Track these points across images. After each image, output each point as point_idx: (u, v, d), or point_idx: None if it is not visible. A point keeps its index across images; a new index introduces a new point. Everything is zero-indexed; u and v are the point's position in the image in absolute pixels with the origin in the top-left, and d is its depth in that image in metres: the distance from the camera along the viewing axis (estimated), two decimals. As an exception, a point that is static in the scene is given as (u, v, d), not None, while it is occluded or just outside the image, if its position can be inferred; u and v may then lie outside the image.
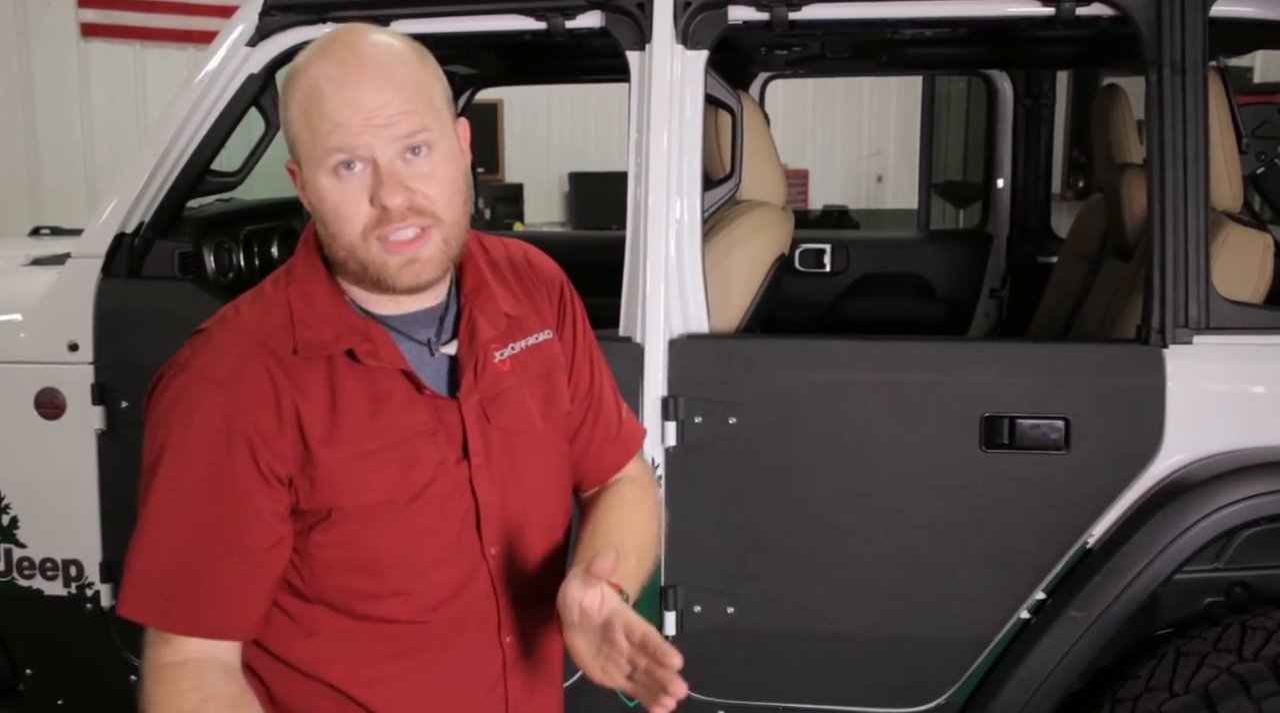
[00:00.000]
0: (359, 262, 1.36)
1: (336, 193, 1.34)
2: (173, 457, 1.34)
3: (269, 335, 1.37)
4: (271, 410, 1.34)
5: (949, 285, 4.08)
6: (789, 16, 2.28)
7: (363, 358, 1.38)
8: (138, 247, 2.51)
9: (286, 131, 1.39)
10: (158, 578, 1.34)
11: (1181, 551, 2.12)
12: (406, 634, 1.44)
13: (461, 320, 1.47)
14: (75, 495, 2.55)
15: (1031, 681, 2.19)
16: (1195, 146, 2.15)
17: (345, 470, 1.37)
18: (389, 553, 1.40)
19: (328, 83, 1.32)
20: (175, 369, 1.37)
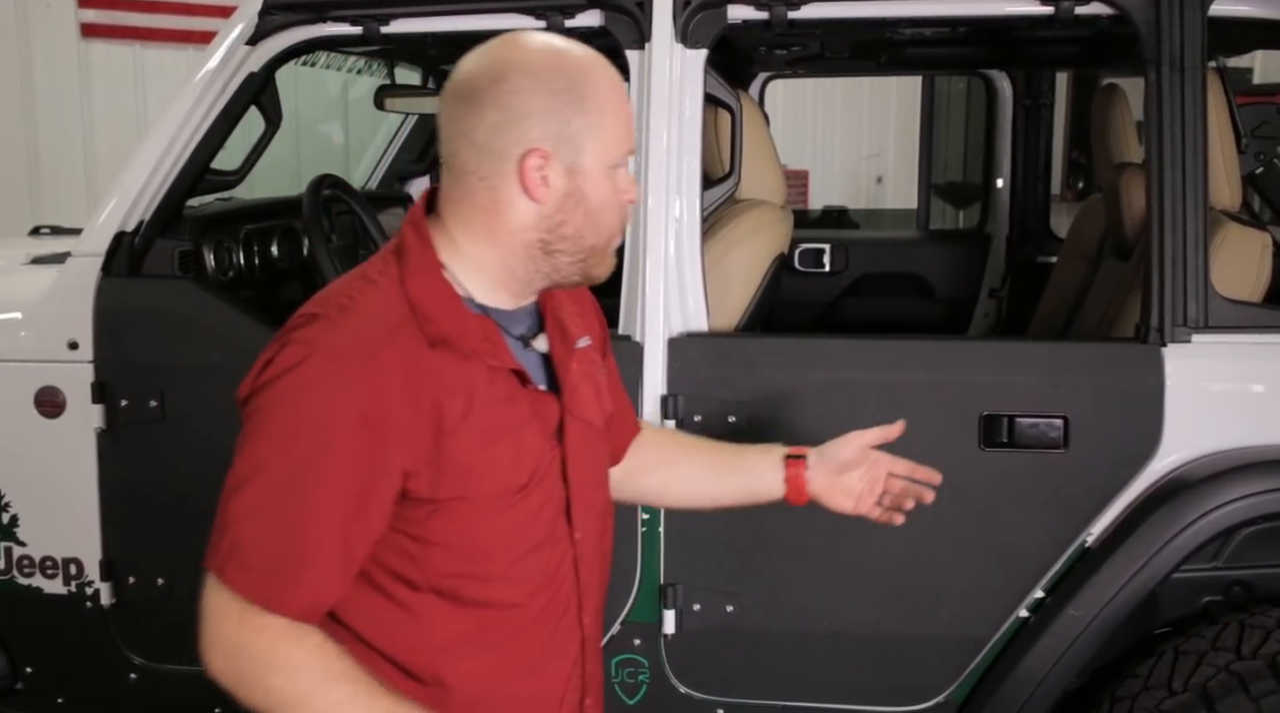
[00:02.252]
0: (600, 252, 1.47)
1: (615, 188, 1.45)
2: (296, 436, 1.33)
3: (396, 327, 1.38)
4: (406, 400, 1.35)
5: (948, 285, 4.08)
6: (788, 16, 2.28)
7: (484, 357, 1.42)
8: (138, 245, 2.52)
9: (571, 120, 1.39)
10: (264, 555, 1.33)
11: (1180, 549, 2.12)
12: (507, 620, 1.48)
13: (546, 319, 1.55)
14: (75, 494, 2.55)
15: (1030, 679, 2.19)
16: (1194, 146, 2.15)
17: (474, 458, 1.40)
18: (500, 538, 1.45)
19: (616, 85, 1.44)
20: (296, 347, 1.35)
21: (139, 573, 2.57)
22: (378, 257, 1.49)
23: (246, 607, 1.33)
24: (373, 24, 2.43)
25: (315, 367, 1.33)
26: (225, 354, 2.48)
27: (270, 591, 1.33)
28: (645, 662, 2.37)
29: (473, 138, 1.40)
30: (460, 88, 1.42)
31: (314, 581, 1.35)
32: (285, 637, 1.33)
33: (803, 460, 1.80)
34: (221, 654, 1.34)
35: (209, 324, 2.50)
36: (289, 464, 1.33)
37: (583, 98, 1.40)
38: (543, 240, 1.44)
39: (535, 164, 1.40)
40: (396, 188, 4.15)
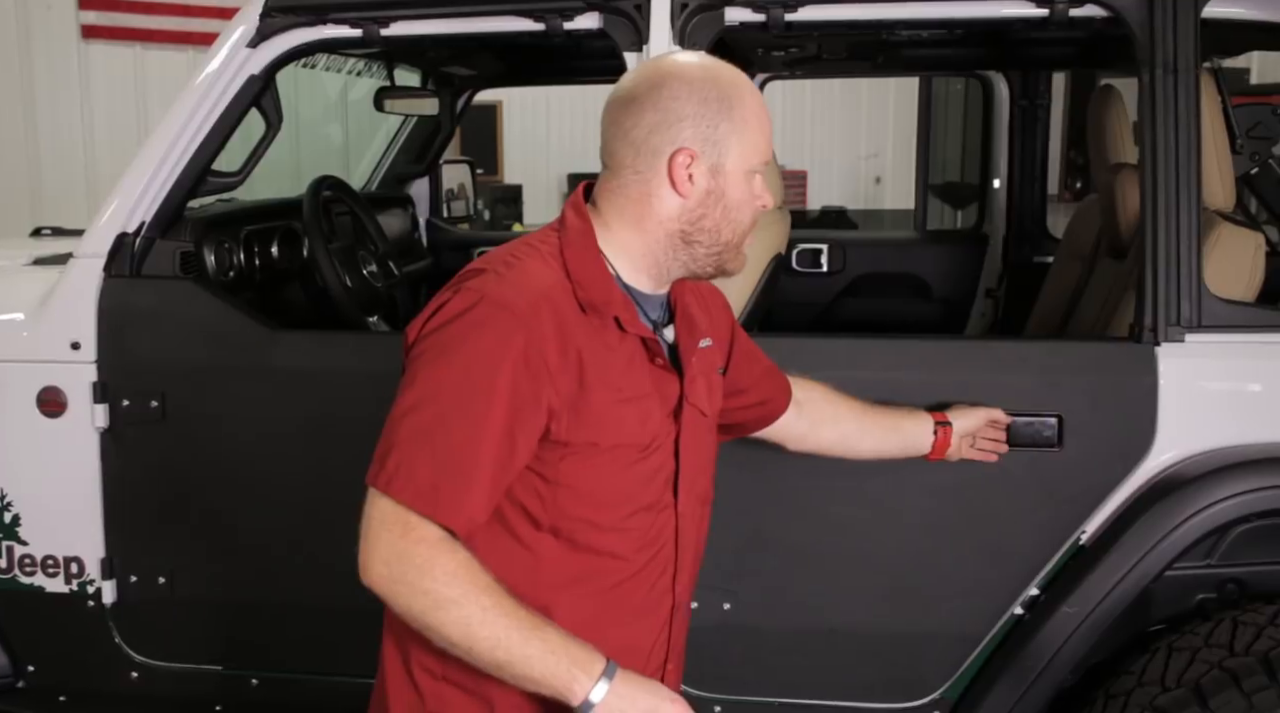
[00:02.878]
0: (733, 247, 1.64)
1: (752, 192, 1.63)
2: (466, 367, 1.49)
3: (553, 286, 1.56)
4: (558, 348, 1.52)
5: (945, 285, 4.10)
6: (785, 18, 2.30)
7: (625, 325, 1.59)
8: (139, 246, 2.53)
9: (721, 126, 1.57)
10: (432, 470, 1.47)
11: (1173, 547, 2.13)
12: (612, 570, 1.63)
13: (676, 311, 1.71)
14: (77, 493, 2.56)
15: (1025, 676, 2.21)
16: (1188, 147, 2.17)
17: (608, 412, 1.57)
18: (619, 491, 1.61)
19: (762, 103, 1.63)
20: (469, 294, 1.52)
21: (140, 572, 2.58)
22: (541, 230, 1.67)
23: (409, 518, 1.47)
24: (372, 26, 2.44)
25: (484, 311, 1.50)
26: (226, 354, 2.50)
27: (438, 501, 1.47)
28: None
29: (631, 136, 1.59)
30: (623, 94, 1.61)
31: (474, 497, 1.49)
32: (443, 548, 1.46)
33: (949, 428, 2.15)
34: (382, 560, 1.47)
35: (210, 325, 2.51)
36: (459, 392, 1.49)
37: (730, 107, 1.58)
38: (684, 231, 1.61)
39: (683, 162, 1.58)
40: (396, 189, 4.17)
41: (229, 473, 2.54)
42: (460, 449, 1.48)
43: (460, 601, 1.44)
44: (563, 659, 1.45)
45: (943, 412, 2.16)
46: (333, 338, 2.70)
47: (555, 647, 1.45)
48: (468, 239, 4.35)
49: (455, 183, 4.41)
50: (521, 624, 1.45)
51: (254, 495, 2.54)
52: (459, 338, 1.51)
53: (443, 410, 1.49)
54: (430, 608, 1.45)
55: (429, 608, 1.45)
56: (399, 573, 1.46)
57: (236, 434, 2.53)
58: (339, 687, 2.51)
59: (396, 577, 1.46)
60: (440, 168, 4.29)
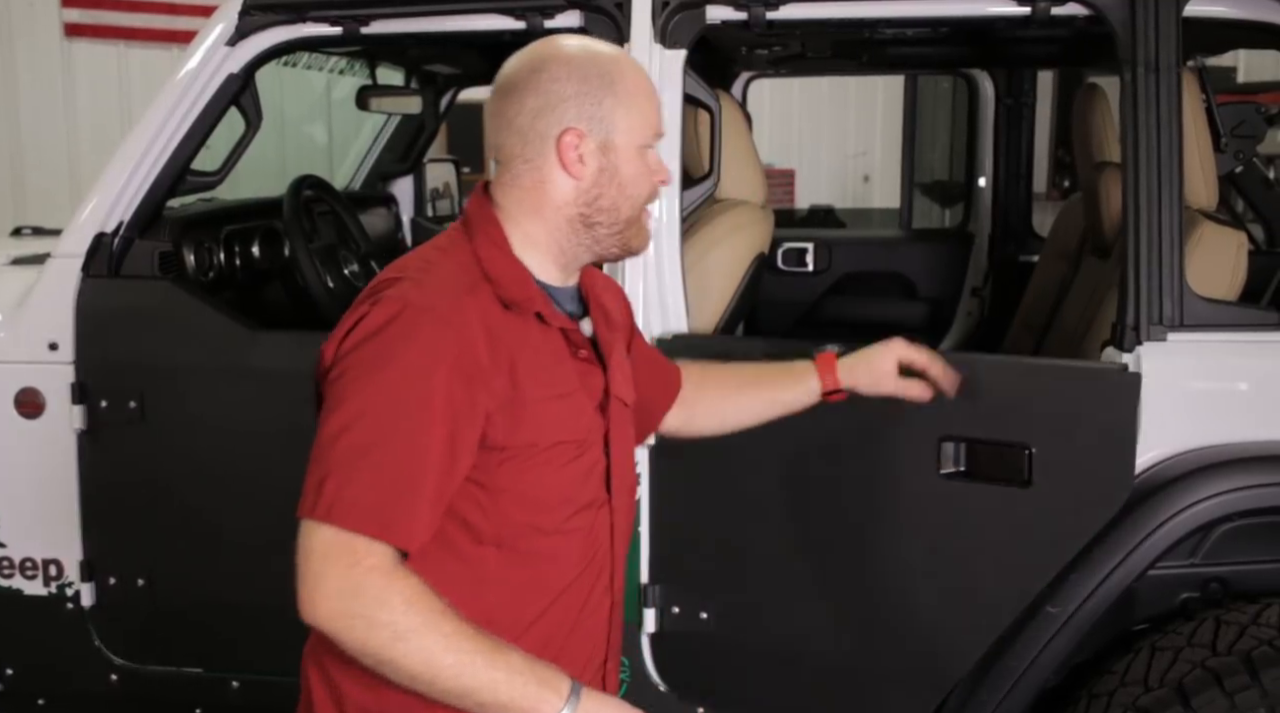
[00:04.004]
0: (635, 224, 1.61)
1: (645, 165, 1.60)
2: (397, 381, 1.43)
3: (474, 285, 1.52)
4: (489, 349, 1.48)
5: (931, 284, 4.09)
6: (766, 16, 2.29)
7: (548, 319, 1.56)
8: (117, 246, 2.52)
9: (604, 103, 1.55)
10: (376, 492, 1.41)
11: (1156, 546, 2.12)
12: (557, 578, 1.59)
13: (590, 302, 1.69)
14: (55, 495, 2.55)
15: (1008, 676, 2.20)
16: (1169, 146, 2.16)
17: (543, 409, 1.53)
18: (561, 492, 1.58)
19: (645, 76, 1.61)
20: (389, 303, 1.46)
21: (119, 574, 2.57)
22: (446, 234, 1.62)
23: (355, 545, 1.39)
24: (352, 25, 2.43)
25: (409, 318, 1.45)
26: (205, 355, 2.49)
27: (387, 522, 1.40)
28: (626, 661, 2.38)
29: (516, 124, 1.56)
30: (503, 83, 1.58)
31: (421, 514, 1.43)
32: (397, 575, 1.39)
33: (831, 356, 2.00)
34: (331, 596, 1.38)
35: (189, 325, 2.50)
36: (395, 406, 1.42)
37: (611, 82, 1.56)
38: (583, 214, 1.58)
39: (571, 142, 1.55)
40: (380, 188, 4.15)
41: (208, 474, 2.53)
42: (403, 465, 1.42)
43: (421, 630, 1.37)
44: (530, 681, 1.40)
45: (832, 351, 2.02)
46: (314, 338, 2.63)
47: (520, 669, 1.40)
48: (452, 238, 4.32)
49: (440, 181, 4.40)
50: (484, 649, 1.39)
51: (234, 497, 2.53)
52: (386, 350, 1.44)
53: (379, 427, 1.42)
54: (390, 641, 1.37)
55: (389, 641, 1.37)
56: (354, 607, 1.37)
57: (216, 435, 2.51)
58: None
59: (352, 611, 1.38)
60: (424, 166, 4.28)
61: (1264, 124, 2.88)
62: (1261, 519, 2.18)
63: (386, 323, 1.45)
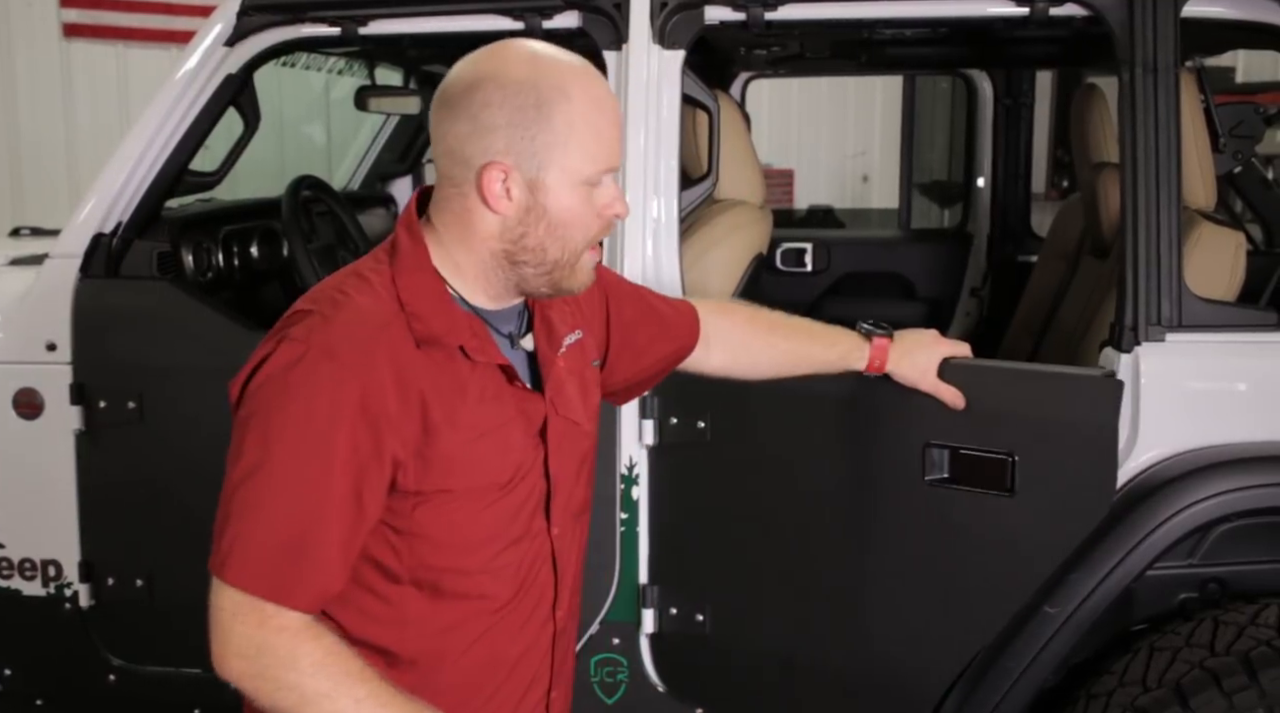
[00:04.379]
0: (567, 267, 1.48)
1: (588, 204, 1.46)
2: (296, 431, 1.35)
3: (386, 322, 1.41)
4: (397, 394, 1.38)
5: (930, 284, 4.10)
6: (765, 17, 2.29)
7: (471, 354, 1.46)
8: (116, 246, 2.52)
9: (536, 135, 1.41)
10: (272, 550, 1.34)
11: (1155, 546, 2.12)
12: (484, 612, 1.52)
13: (535, 318, 1.58)
14: (53, 496, 2.55)
15: (1007, 676, 2.19)
16: (1168, 146, 2.16)
17: (460, 453, 1.44)
18: (483, 533, 1.49)
19: (605, 101, 1.46)
20: (292, 345, 1.37)
21: (117, 574, 2.57)
22: (371, 254, 1.52)
23: (263, 607, 1.34)
24: (351, 25, 2.43)
25: (310, 363, 1.36)
26: (203, 355, 2.49)
27: (279, 584, 1.34)
28: (624, 661, 2.38)
29: (445, 144, 1.44)
30: (443, 94, 1.45)
31: (320, 572, 1.36)
32: (305, 635, 1.34)
33: (887, 340, 2.06)
34: (238, 655, 1.34)
35: (187, 325, 2.50)
36: (290, 459, 1.35)
37: (548, 115, 1.41)
38: (506, 251, 1.47)
39: (495, 177, 1.42)
40: (378, 188, 4.15)
41: (207, 475, 2.48)
42: (300, 523, 1.35)
43: (331, 694, 1.32)
44: None
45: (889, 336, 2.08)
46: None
47: None
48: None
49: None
50: (399, 712, 1.35)
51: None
52: (286, 396, 1.36)
53: (276, 481, 1.35)
54: (298, 704, 1.32)
55: (297, 704, 1.32)
56: (259, 668, 1.33)
57: (214, 436, 2.47)
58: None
59: (257, 672, 1.33)
60: (423, 167, 4.28)
61: (1262, 124, 2.88)
62: (1260, 520, 2.17)
63: (289, 366, 1.36)
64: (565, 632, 1.65)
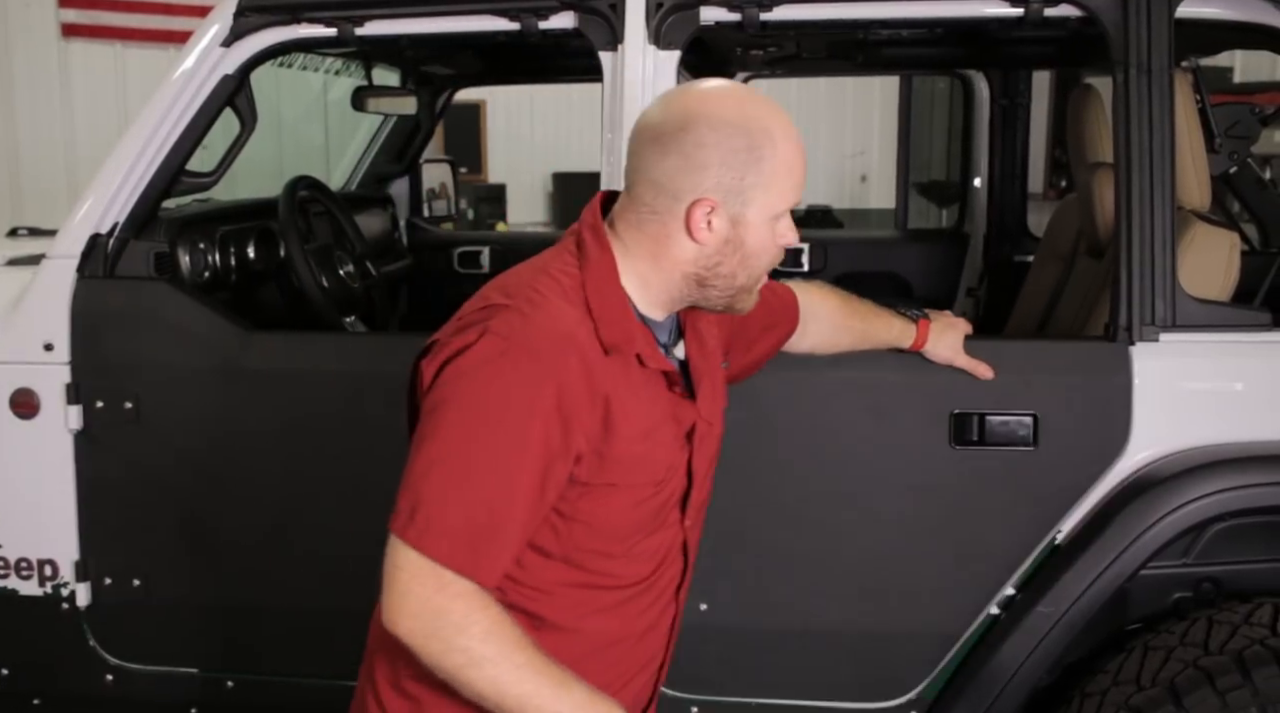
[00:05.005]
0: (745, 290, 1.61)
1: (774, 237, 1.59)
2: (497, 419, 1.46)
3: (577, 324, 1.52)
4: (586, 392, 1.50)
5: (926, 284, 4.10)
6: (760, 17, 2.29)
7: (646, 361, 1.57)
8: (113, 247, 2.51)
9: (744, 175, 1.53)
10: (468, 526, 1.45)
11: (1148, 546, 2.13)
12: (621, 590, 1.64)
13: (686, 329, 1.70)
14: (50, 495, 2.55)
15: (1000, 675, 2.20)
16: (1162, 146, 2.17)
17: (629, 452, 1.56)
18: (633, 523, 1.62)
19: (799, 141, 1.57)
20: (495, 339, 1.48)
21: (114, 574, 2.57)
22: (558, 253, 1.61)
23: (442, 573, 1.44)
24: (347, 26, 2.43)
25: (513, 359, 1.47)
26: (200, 356, 2.49)
27: (472, 559, 1.45)
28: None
29: (653, 176, 1.55)
30: (650, 127, 1.57)
31: (506, 550, 1.49)
32: (476, 603, 1.45)
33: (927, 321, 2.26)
34: (412, 614, 1.44)
35: (184, 326, 2.50)
36: (491, 446, 1.46)
37: (759, 158, 1.53)
38: (699, 275, 1.59)
39: (703, 212, 1.54)
40: (376, 188, 4.15)
41: (204, 475, 2.53)
42: (494, 506, 1.46)
43: (495, 659, 1.44)
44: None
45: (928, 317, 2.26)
46: (309, 339, 2.68)
47: (581, 703, 1.46)
48: (448, 239, 4.34)
49: (436, 182, 4.40)
50: (551, 682, 1.46)
51: (229, 497, 2.53)
52: (486, 386, 1.47)
53: (474, 465, 1.46)
54: (465, 665, 1.44)
55: (464, 665, 1.44)
56: (433, 628, 1.44)
57: (211, 436, 2.51)
58: (315, 689, 2.50)
59: (430, 632, 1.44)
60: (421, 167, 4.28)
61: (1258, 125, 2.89)
62: (1254, 519, 2.19)
63: (491, 358, 1.47)
64: (681, 615, 1.79)
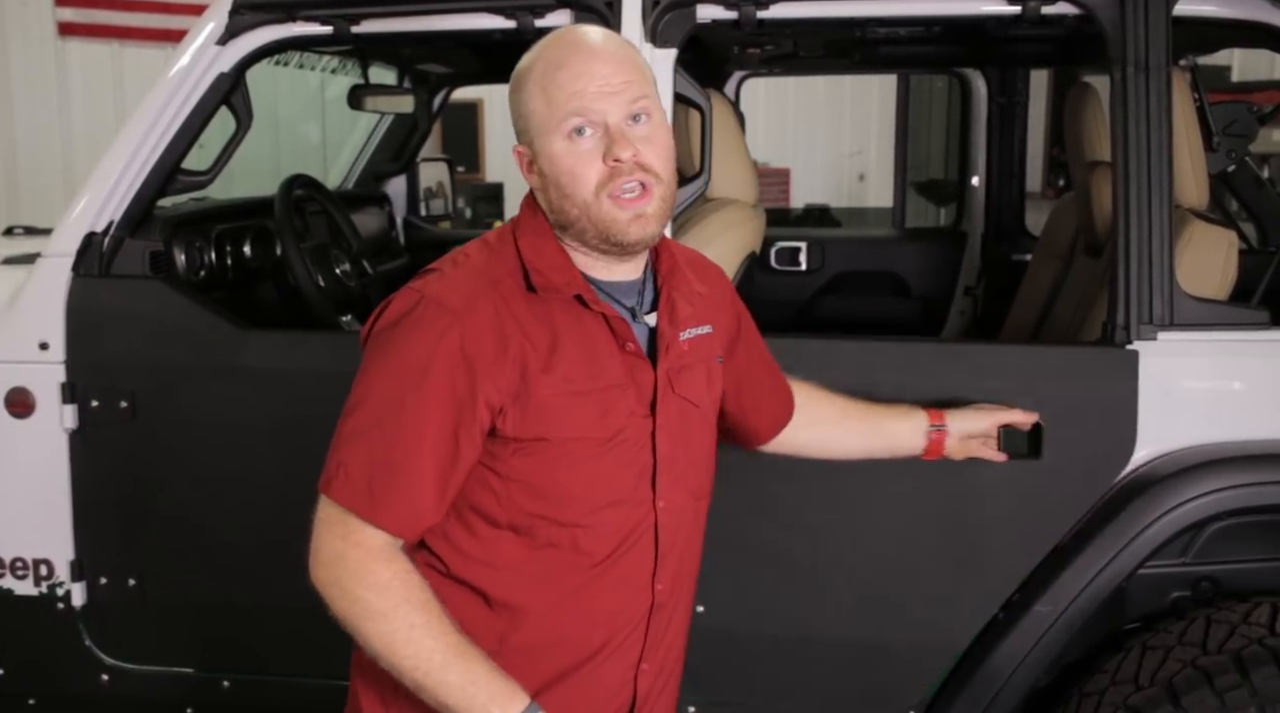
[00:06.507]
0: (592, 219, 1.54)
1: (571, 156, 1.53)
2: (400, 367, 1.50)
3: (499, 277, 1.55)
4: (496, 343, 1.50)
5: (924, 283, 4.09)
6: (757, 15, 2.29)
7: (590, 303, 1.55)
8: (108, 245, 2.51)
9: (519, 111, 1.56)
10: (368, 470, 1.48)
11: (1147, 544, 2.13)
12: (577, 567, 1.59)
13: (661, 297, 1.66)
14: (45, 495, 2.54)
15: (998, 675, 2.20)
16: (1159, 145, 2.16)
17: (556, 404, 1.53)
18: (577, 486, 1.57)
19: (564, 59, 1.53)
20: (410, 294, 1.54)
21: (110, 574, 2.56)
22: (498, 228, 1.66)
23: (349, 521, 1.48)
24: (343, 24, 2.42)
25: (421, 310, 1.51)
26: (196, 355, 2.48)
27: (369, 502, 1.48)
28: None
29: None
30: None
31: (409, 497, 1.49)
32: (380, 556, 1.47)
33: (944, 431, 2.08)
34: (322, 563, 1.49)
35: (179, 324, 2.49)
36: (393, 392, 1.50)
37: (522, 84, 1.56)
38: (555, 220, 1.58)
39: (518, 158, 1.60)
40: (373, 187, 4.15)
41: (199, 474, 2.52)
42: (395, 450, 1.48)
43: (389, 614, 1.44)
44: (481, 692, 1.44)
45: (941, 412, 2.10)
46: (305, 338, 2.67)
47: (477, 677, 1.45)
48: (445, 237, 4.33)
49: (433, 181, 4.39)
50: (447, 649, 1.45)
51: (225, 496, 2.52)
52: (396, 338, 1.52)
53: (378, 412, 1.50)
54: (359, 615, 1.45)
55: (358, 615, 1.46)
56: (335, 575, 1.47)
57: (207, 435, 2.51)
58: (310, 688, 2.49)
59: (332, 579, 1.48)
60: (418, 166, 4.27)
61: (1256, 123, 2.88)
62: (1252, 518, 2.18)
63: (404, 312, 1.52)
64: (665, 608, 1.69)
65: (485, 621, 1.57)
